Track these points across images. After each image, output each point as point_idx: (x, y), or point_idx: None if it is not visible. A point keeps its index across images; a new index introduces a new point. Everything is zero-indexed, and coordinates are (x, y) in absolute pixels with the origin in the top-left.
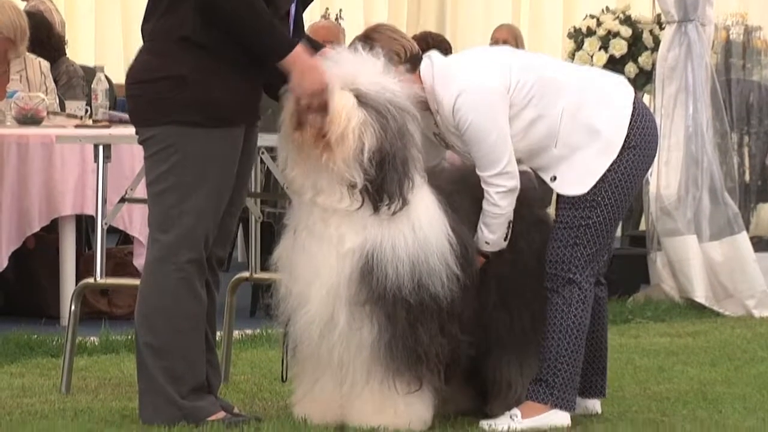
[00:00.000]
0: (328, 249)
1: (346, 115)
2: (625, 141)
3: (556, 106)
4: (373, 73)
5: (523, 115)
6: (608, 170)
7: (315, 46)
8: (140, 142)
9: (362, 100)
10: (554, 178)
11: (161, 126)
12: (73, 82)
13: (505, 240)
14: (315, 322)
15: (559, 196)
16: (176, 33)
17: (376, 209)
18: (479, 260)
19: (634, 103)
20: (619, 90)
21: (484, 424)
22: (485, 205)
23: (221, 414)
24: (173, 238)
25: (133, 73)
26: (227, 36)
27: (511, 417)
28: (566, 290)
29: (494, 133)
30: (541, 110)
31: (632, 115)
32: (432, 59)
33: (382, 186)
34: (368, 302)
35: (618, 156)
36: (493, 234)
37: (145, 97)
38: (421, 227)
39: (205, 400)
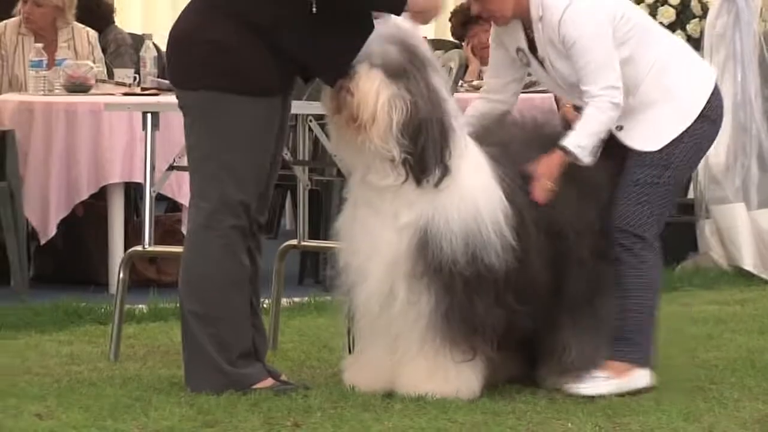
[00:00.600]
0: (385, 224)
1: (373, 95)
2: (702, 112)
3: (648, 55)
4: (400, 41)
5: (620, 51)
6: (683, 134)
7: None
8: (180, 107)
9: (392, 73)
10: (620, 128)
11: (199, 91)
12: (122, 50)
13: (591, 156)
14: (375, 296)
15: (630, 154)
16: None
17: (418, 182)
18: (555, 159)
19: (716, 81)
20: (703, 65)
21: (572, 387)
22: (588, 111)
23: (269, 381)
24: (214, 204)
25: (175, 33)
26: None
27: (597, 378)
28: (639, 247)
29: (603, 45)
30: (635, 53)
31: (713, 91)
32: None
33: (422, 157)
34: (425, 274)
35: (693, 123)
36: (584, 140)
37: (187, 60)
38: (472, 199)
39: (253, 367)
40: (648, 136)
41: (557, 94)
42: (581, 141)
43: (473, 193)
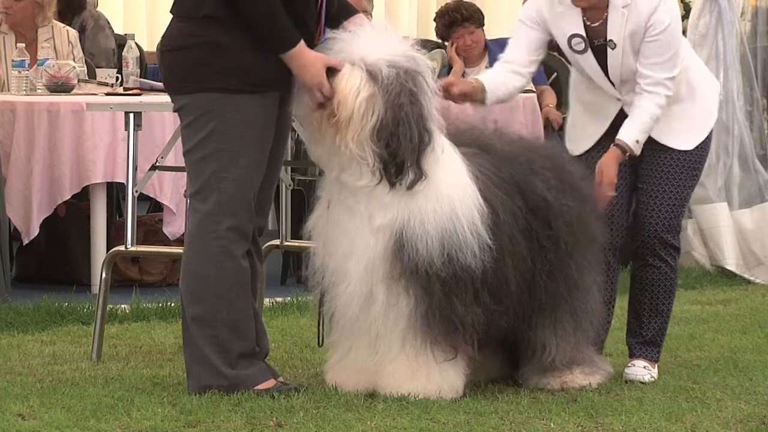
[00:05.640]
0: (361, 225)
1: (353, 95)
2: (717, 117)
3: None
4: (384, 45)
5: None
6: (707, 138)
7: (350, 11)
8: (176, 110)
9: (373, 74)
10: None
11: (198, 93)
12: (101, 22)
13: (641, 148)
14: (355, 298)
15: (657, 150)
16: (199, 10)
17: (392, 184)
18: (612, 160)
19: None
20: (711, 75)
21: (629, 375)
22: (649, 106)
23: (271, 382)
24: (212, 206)
25: (166, 40)
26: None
27: (645, 368)
28: (672, 258)
29: (679, 39)
30: None
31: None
32: None
33: (396, 161)
34: (403, 276)
35: (713, 129)
36: (640, 135)
37: (181, 64)
38: (448, 199)
39: (254, 368)
40: (680, 131)
41: (603, 86)
42: (638, 136)
43: (449, 195)
